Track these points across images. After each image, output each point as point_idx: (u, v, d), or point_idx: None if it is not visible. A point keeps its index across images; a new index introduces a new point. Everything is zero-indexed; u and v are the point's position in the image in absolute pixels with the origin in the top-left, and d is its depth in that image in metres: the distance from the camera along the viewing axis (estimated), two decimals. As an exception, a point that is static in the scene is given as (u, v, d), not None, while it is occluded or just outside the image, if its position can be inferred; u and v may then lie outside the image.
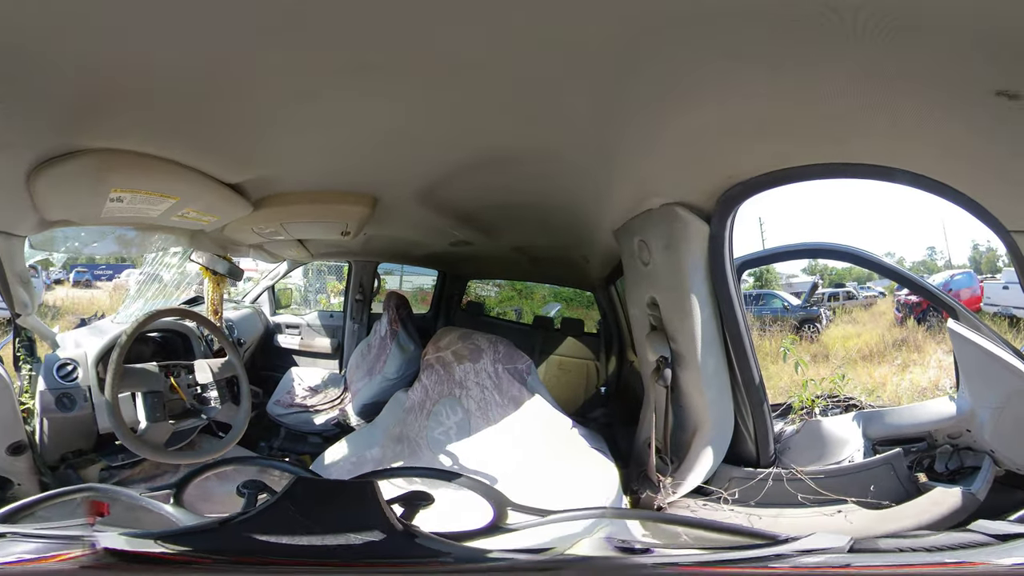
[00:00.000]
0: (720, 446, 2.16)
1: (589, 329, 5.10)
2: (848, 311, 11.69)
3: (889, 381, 7.03)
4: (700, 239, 1.88)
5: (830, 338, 9.79)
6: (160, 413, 2.08)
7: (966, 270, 10.99)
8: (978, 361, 2.14)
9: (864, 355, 8.39)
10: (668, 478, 2.18)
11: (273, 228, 2.51)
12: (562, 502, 1.94)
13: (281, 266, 4.72)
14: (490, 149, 1.78)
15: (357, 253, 4.36)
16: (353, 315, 4.74)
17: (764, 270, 12.49)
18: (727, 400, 2.13)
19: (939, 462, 2.32)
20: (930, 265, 14.48)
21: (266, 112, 1.51)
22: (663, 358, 2.07)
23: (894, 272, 2.77)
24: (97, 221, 1.87)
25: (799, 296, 11.58)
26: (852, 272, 12.50)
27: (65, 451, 2.33)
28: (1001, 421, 2.12)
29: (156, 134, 1.56)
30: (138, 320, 2.13)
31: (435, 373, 3.01)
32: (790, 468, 2.16)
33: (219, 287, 3.10)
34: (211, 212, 2.08)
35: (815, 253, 2.74)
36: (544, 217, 2.71)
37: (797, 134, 1.51)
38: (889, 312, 10.59)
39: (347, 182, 2.26)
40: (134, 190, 1.68)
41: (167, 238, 2.57)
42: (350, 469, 2.69)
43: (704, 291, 1.93)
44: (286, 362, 4.69)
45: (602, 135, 1.60)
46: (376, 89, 1.40)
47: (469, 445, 2.72)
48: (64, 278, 13.29)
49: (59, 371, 2.34)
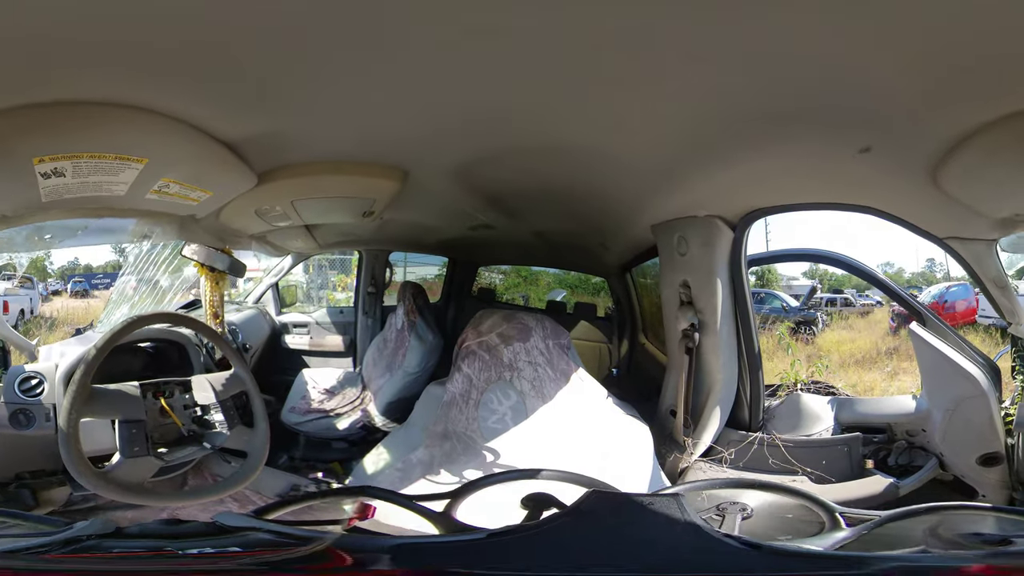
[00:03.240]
0: (725, 407, 2.54)
1: (598, 314, 5.08)
2: (845, 317, 11.79)
3: (878, 386, 7.23)
4: (727, 241, 2.42)
5: (825, 341, 9.94)
6: (140, 446, 1.59)
7: (962, 282, 10.86)
8: (936, 364, 2.35)
9: (857, 360, 8.53)
10: (690, 439, 2.53)
11: (282, 208, 1.99)
12: (608, 468, 2.14)
13: (284, 262, 4.32)
14: (545, 136, 1.76)
15: (368, 241, 3.93)
16: (365, 309, 4.35)
17: (766, 270, 12.79)
18: (734, 364, 2.53)
19: (892, 456, 2.51)
20: (928, 276, 14.79)
21: (309, 36, 1.00)
22: (692, 325, 2.53)
23: (871, 276, 2.95)
24: (42, 210, 1.34)
25: (798, 298, 11.78)
26: (851, 280, 12.58)
27: (20, 470, 2.02)
28: (951, 424, 2.32)
29: (96, 62, 1.01)
30: (113, 329, 1.62)
31: (479, 359, 2.84)
32: (772, 435, 2.47)
33: (218, 286, 2.57)
34: (200, 184, 1.52)
35: (806, 258, 3.12)
36: (575, 205, 2.74)
37: (788, 185, 2.14)
38: (884, 321, 10.65)
39: (376, 151, 1.82)
40: (72, 154, 1.13)
41: (150, 227, 2.01)
42: (399, 476, 2.49)
43: (725, 278, 2.46)
44: (296, 364, 4.31)
45: (669, 152, 1.83)
46: (444, 43, 1.07)
47: (527, 427, 2.65)
48: (62, 288, 13.16)
49: (21, 384, 2.00)
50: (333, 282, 6.86)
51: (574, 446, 2.39)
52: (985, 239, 2.01)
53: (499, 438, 2.61)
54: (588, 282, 6.56)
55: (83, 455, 1.46)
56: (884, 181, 1.86)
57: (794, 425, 2.61)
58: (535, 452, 2.46)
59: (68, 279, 13.35)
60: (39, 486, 2.01)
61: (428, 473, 2.48)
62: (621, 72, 1.23)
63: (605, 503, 1.00)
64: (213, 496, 1.66)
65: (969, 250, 2.06)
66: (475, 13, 0.97)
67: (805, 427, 2.60)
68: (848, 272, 2.76)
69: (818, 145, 1.68)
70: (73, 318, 9.49)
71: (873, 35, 1.05)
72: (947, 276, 13.12)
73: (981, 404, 2.25)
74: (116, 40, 0.94)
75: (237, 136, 1.41)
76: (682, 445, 2.55)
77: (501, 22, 1.01)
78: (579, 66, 1.20)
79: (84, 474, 1.45)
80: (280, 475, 2.73)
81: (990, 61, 1.09)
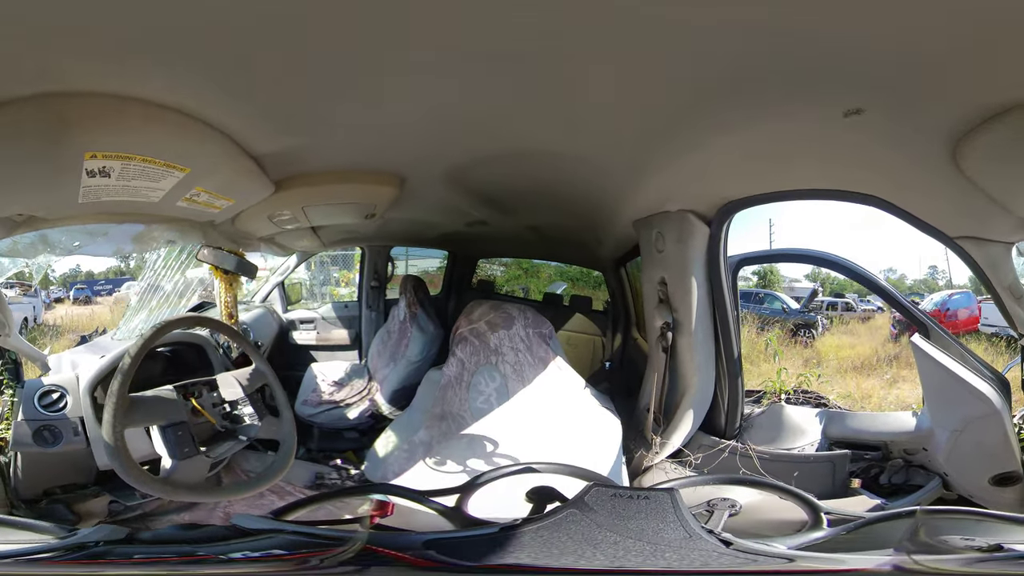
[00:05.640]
0: (700, 411, 2.42)
1: (596, 307, 5.06)
2: (845, 322, 11.45)
3: (876, 394, 6.94)
4: (702, 237, 2.28)
5: (824, 346, 9.63)
6: (189, 447, 1.57)
7: (965, 290, 10.54)
8: (940, 381, 2.11)
9: (855, 366, 8.23)
10: (658, 438, 2.44)
11: (291, 213, 2.08)
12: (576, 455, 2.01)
13: (289, 260, 4.36)
14: (521, 141, 1.79)
15: (371, 238, 4.01)
16: (369, 303, 4.41)
17: (768, 271, 12.56)
18: (711, 368, 2.39)
19: (886, 474, 2.34)
20: (931, 284, 14.15)
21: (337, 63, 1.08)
22: (666, 323, 2.42)
23: (871, 283, 2.66)
24: (75, 212, 1.32)
25: (799, 300, 11.51)
26: (853, 284, 12.09)
27: (49, 486, 1.94)
28: (958, 445, 2.09)
29: (167, 63, 1.00)
30: (144, 336, 1.59)
31: (470, 345, 2.98)
32: (747, 445, 2.35)
33: (232, 287, 2.64)
34: (226, 193, 1.59)
35: (804, 259, 2.82)
36: (564, 202, 2.76)
37: (762, 170, 1.88)
38: (885, 327, 10.29)
39: (377, 161, 1.91)
40: (125, 155, 1.12)
41: (171, 232, 2.02)
42: (405, 458, 2.66)
43: (702, 276, 2.31)
44: (304, 359, 4.37)
45: (639, 152, 1.80)
46: (432, 64, 1.14)
47: (509, 408, 2.77)
48: (64, 296, 12.91)
49: (41, 399, 1.91)
50: (336, 278, 6.88)
51: (547, 430, 2.48)
52: (1005, 242, 1.76)
53: (485, 418, 2.73)
54: (590, 276, 6.34)
55: (138, 465, 1.44)
56: (888, 159, 1.56)
57: (773, 437, 2.45)
58: (515, 433, 2.57)
59: (70, 286, 13.13)
60: (73, 500, 1.98)
61: (428, 453, 2.61)
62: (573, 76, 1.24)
63: (605, 496, 1.03)
64: (264, 486, 1.68)
65: (985, 253, 1.80)
66: (463, 39, 1.06)
67: (786, 440, 2.44)
68: (849, 277, 2.52)
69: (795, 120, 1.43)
70: (77, 325, 9.26)
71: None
72: (949, 284, 12.73)
73: (993, 423, 2.01)
74: (191, 37, 0.93)
75: (264, 150, 1.48)
76: (650, 443, 2.47)
77: (484, 47, 1.09)
78: (545, 79, 1.25)
79: (146, 483, 1.44)
80: (306, 465, 2.86)
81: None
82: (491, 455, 2.53)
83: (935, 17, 0.92)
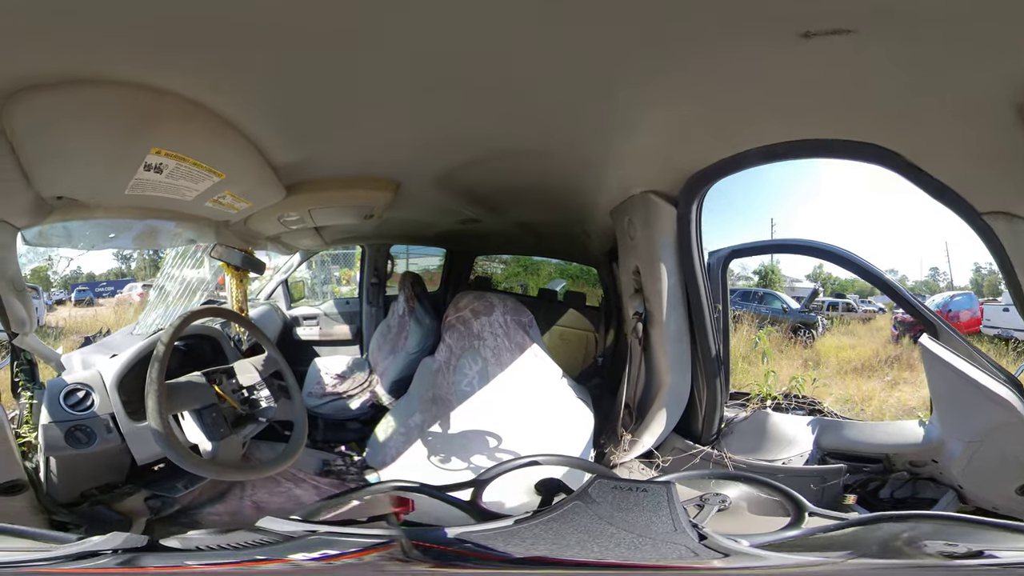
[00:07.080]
0: (674, 412, 2.26)
1: (592, 303, 5.05)
2: (846, 322, 11.06)
3: (876, 396, 6.62)
4: (669, 220, 2.10)
5: (824, 346, 9.29)
6: (224, 428, 1.66)
7: (967, 291, 10.36)
8: (953, 387, 1.89)
9: (856, 367, 7.87)
10: (629, 435, 2.31)
11: (299, 215, 2.25)
12: (545, 442, 2.19)
13: (293, 259, 4.47)
14: (498, 145, 1.88)
15: (370, 237, 4.12)
16: (370, 299, 4.51)
17: (769, 270, 12.12)
18: (686, 364, 2.23)
19: (887, 488, 2.12)
20: (932, 285, 13.74)
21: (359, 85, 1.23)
22: (637, 313, 2.32)
23: (878, 278, 2.37)
24: (116, 202, 1.34)
25: (800, 300, 11.20)
26: (855, 284, 11.76)
27: (86, 488, 1.89)
28: (977, 457, 1.88)
29: (233, 78, 1.07)
30: (174, 324, 1.70)
31: (456, 331, 3.15)
32: (723, 452, 2.19)
33: (242, 284, 2.80)
34: (247, 197, 1.77)
35: (804, 250, 2.53)
36: (548, 197, 2.78)
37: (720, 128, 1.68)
38: (887, 328, 9.94)
39: (375, 168, 2.09)
40: (180, 156, 1.20)
41: (190, 231, 2.13)
42: (403, 440, 2.85)
43: (672, 262, 2.14)
44: (307, 354, 4.44)
45: (599, 140, 1.80)
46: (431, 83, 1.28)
47: (489, 391, 2.88)
48: (66, 298, 12.83)
49: (67, 399, 1.85)
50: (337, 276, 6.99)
51: (519, 416, 2.57)
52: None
53: (468, 400, 2.87)
54: (589, 273, 6.17)
55: (188, 449, 1.49)
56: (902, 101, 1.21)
57: (755, 446, 2.25)
58: (491, 416, 2.68)
59: (72, 288, 13.08)
60: (111, 500, 1.92)
61: (422, 435, 2.78)
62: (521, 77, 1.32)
63: (607, 488, 1.06)
64: (290, 461, 1.78)
65: (1017, 232, 1.47)
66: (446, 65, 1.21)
67: (771, 450, 2.24)
68: (851, 271, 2.23)
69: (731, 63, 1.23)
70: (80, 327, 9.18)
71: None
72: (950, 285, 12.13)
73: (1018, 431, 1.80)
74: (264, 59, 1.02)
75: (281, 160, 1.64)
76: (619, 440, 2.35)
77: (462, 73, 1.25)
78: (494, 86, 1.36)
79: (199, 465, 1.50)
80: (313, 453, 2.99)
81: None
82: (471, 439, 2.67)
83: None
